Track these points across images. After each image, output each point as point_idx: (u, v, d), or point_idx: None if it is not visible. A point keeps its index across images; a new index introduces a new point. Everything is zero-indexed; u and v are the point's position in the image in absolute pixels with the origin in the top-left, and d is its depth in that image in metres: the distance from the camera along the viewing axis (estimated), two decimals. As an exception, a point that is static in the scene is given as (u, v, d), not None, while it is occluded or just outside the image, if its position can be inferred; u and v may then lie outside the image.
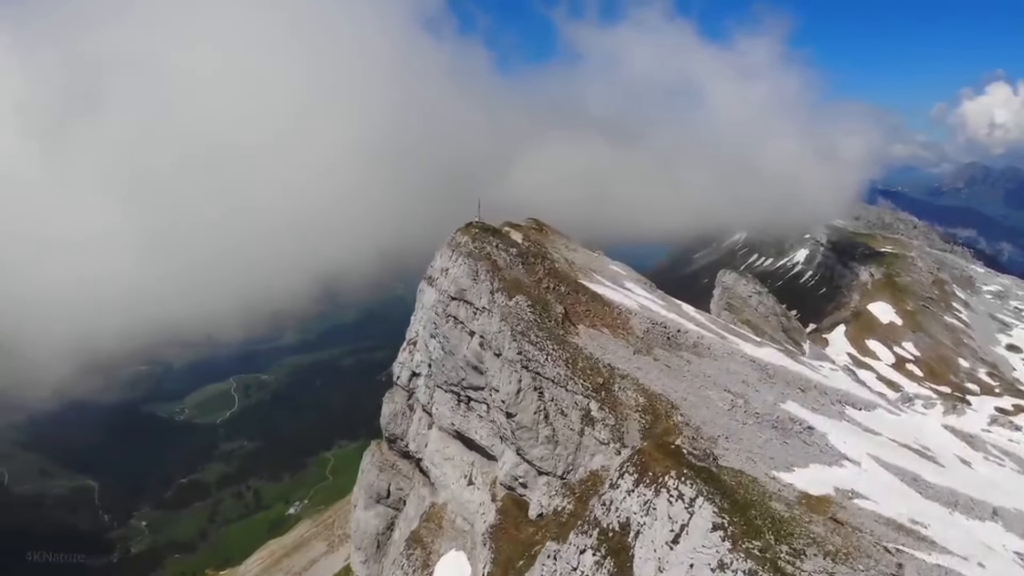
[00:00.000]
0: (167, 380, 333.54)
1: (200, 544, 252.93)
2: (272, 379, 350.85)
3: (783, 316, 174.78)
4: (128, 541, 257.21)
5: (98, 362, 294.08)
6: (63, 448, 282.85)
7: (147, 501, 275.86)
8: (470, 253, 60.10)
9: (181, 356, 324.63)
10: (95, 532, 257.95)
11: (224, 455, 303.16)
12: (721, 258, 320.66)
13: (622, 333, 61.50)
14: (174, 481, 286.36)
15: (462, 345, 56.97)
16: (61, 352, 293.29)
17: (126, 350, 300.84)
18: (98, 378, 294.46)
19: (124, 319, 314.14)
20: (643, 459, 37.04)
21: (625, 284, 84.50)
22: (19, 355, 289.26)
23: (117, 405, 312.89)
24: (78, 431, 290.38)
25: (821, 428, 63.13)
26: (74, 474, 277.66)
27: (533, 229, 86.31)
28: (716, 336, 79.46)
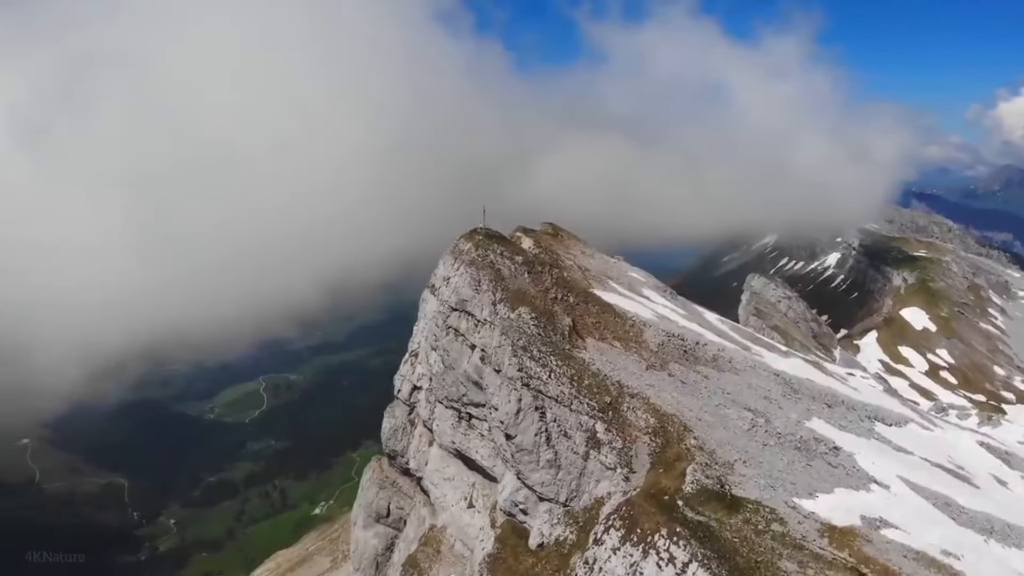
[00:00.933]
0: (198, 379, 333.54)
1: (227, 543, 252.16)
2: (300, 379, 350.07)
3: (813, 321, 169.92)
4: (156, 539, 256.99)
5: (127, 361, 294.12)
6: (94, 446, 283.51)
7: (176, 499, 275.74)
8: (472, 261, 56.22)
9: (210, 356, 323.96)
10: (124, 529, 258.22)
11: (252, 454, 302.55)
12: (751, 261, 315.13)
13: (634, 347, 57.23)
14: (203, 479, 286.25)
15: (463, 359, 53.10)
16: (82, 353, 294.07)
17: (153, 350, 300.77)
18: (127, 377, 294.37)
19: (148, 322, 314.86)
20: (632, 511, 32.82)
21: (643, 292, 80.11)
22: (45, 353, 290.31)
23: (148, 403, 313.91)
24: (109, 429, 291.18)
25: (848, 448, 58.48)
26: (105, 472, 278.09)
27: (547, 234, 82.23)
28: (738, 348, 74.84)
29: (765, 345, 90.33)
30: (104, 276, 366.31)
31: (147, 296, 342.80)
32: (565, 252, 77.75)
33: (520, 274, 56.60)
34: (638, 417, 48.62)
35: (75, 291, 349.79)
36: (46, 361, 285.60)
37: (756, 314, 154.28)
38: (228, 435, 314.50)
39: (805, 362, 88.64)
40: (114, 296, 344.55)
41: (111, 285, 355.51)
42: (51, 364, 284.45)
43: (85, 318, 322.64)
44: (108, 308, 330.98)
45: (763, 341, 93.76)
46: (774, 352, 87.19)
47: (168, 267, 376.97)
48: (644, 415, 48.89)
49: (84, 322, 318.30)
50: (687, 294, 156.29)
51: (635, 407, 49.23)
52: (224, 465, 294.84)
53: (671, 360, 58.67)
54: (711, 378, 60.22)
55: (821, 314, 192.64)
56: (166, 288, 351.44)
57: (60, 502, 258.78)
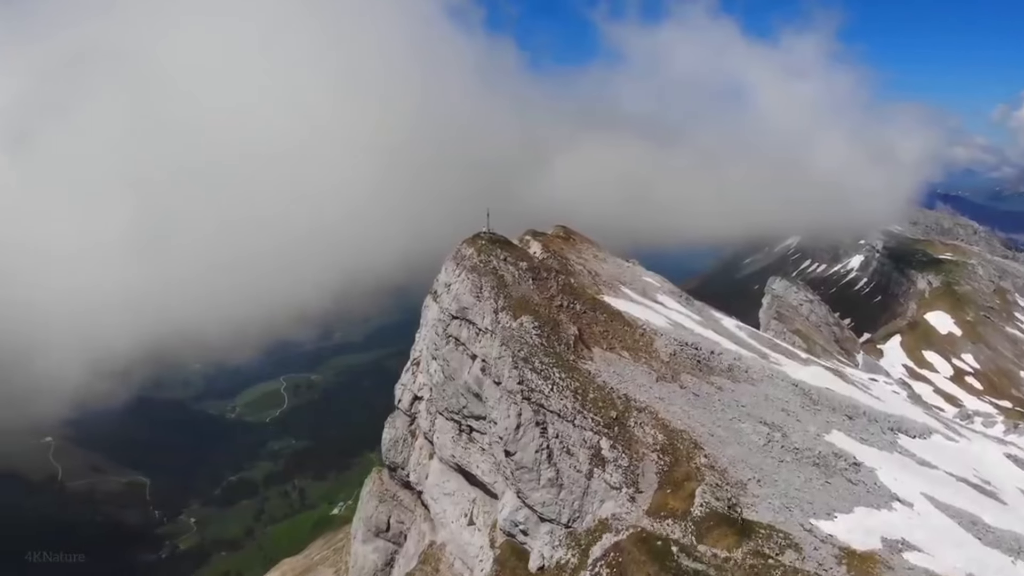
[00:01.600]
0: (219, 379, 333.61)
1: (246, 542, 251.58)
2: (320, 379, 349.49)
3: (836, 325, 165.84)
4: (177, 537, 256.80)
5: (148, 361, 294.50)
6: (116, 445, 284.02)
7: (197, 498, 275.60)
8: (474, 267, 53.47)
9: (231, 356, 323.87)
10: (145, 528, 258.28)
11: (272, 453, 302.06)
12: (772, 263, 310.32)
13: (644, 357, 54.24)
14: (223, 478, 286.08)
15: (463, 369, 50.39)
16: (103, 354, 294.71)
17: (174, 351, 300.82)
18: (149, 376, 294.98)
19: (168, 323, 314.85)
20: (620, 559, 29.93)
21: (657, 297, 77.02)
22: (66, 353, 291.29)
23: (170, 403, 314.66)
24: (131, 428, 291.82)
25: (870, 463, 55.31)
26: (127, 470, 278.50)
27: (559, 238, 79.37)
28: (756, 356, 71.59)
29: (784, 352, 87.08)
30: (121, 278, 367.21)
31: (164, 298, 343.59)
32: (576, 256, 74.90)
33: (524, 281, 53.78)
34: (646, 433, 45.70)
35: (91, 293, 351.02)
36: (68, 361, 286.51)
37: (777, 318, 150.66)
38: (249, 434, 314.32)
39: (826, 370, 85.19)
40: (132, 297, 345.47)
41: (129, 287, 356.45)
42: (74, 364, 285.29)
43: (105, 320, 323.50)
44: (125, 310, 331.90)
45: (782, 348, 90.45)
46: (793, 360, 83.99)
47: (183, 268, 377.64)
48: (652, 431, 45.97)
49: (104, 323, 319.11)
50: (707, 296, 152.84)
51: (643, 422, 46.31)
52: (244, 464, 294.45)
53: (683, 371, 55.65)
54: (726, 389, 57.16)
55: (844, 318, 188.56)
56: (184, 289, 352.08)
57: (82, 500, 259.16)
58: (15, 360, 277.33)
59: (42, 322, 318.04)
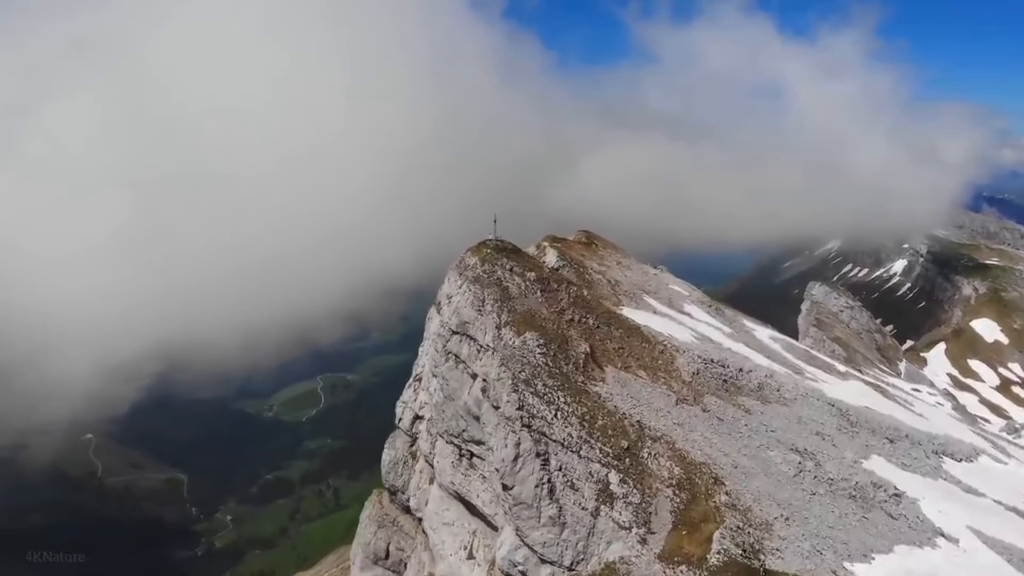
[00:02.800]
0: (257, 378, 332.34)
1: (280, 541, 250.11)
2: (357, 379, 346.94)
3: (877, 332, 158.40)
4: (213, 535, 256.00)
5: (187, 360, 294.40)
6: (156, 442, 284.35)
7: (233, 495, 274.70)
8: (477, 278, 48.54)
9: (269, 355, 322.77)
10: (183, 524, 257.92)
11: (308, 453, 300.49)
12: (813, 268, 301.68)
13: (663, 377, 48.88)
14: (260, 477, 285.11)
15: (463, 389, 45.53)
16: (146, 352, 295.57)
17: (211, 349, 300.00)
18: (188, 375, 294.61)
19: (205, 321, 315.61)
20: None
21: (684, 308, 71.44)
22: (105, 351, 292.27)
23: (209, 401, 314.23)
24: (171, 426, 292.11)
25: (912, 492, 49.60)
26: (165, 467, 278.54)
27: (580, 244, 74.25)
28: (789, 372, 65.77)
29: (821, 365, 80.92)
30: (153, 280, 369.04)
31: (202, 299, 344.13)
32: (597, 264, 69.73)
33: (531, 293, 48.71)
34: (660, 466, 40.43)
35: (123, 293, 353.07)
36: (107, 359, 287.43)
37: (817, 324, 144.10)
38: (285, 433, 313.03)
39: (866, 384, 79.10)
40: (170, 299, 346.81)
41: (165, 288, 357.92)
42: (112, 362, 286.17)
43: (147, 316, 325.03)
44: (165, 311, 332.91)
45: (819, 360, 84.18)
46: (831, 374, 77.95)
47: (216, 269, 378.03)
48: (668, 463, 40.68)
49: (149, 320, 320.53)
50: (744, 301, 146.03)
51: (658, 453, 41.05)
52: (281, 463, 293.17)
53: (707, 392, 50.22)
54: (754, 412, 51.61)
55: (886, 324, 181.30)
56: (219, 289, 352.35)
57: (121, 496, 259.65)
58: (52, 359, 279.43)
59: (82, 320, 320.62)
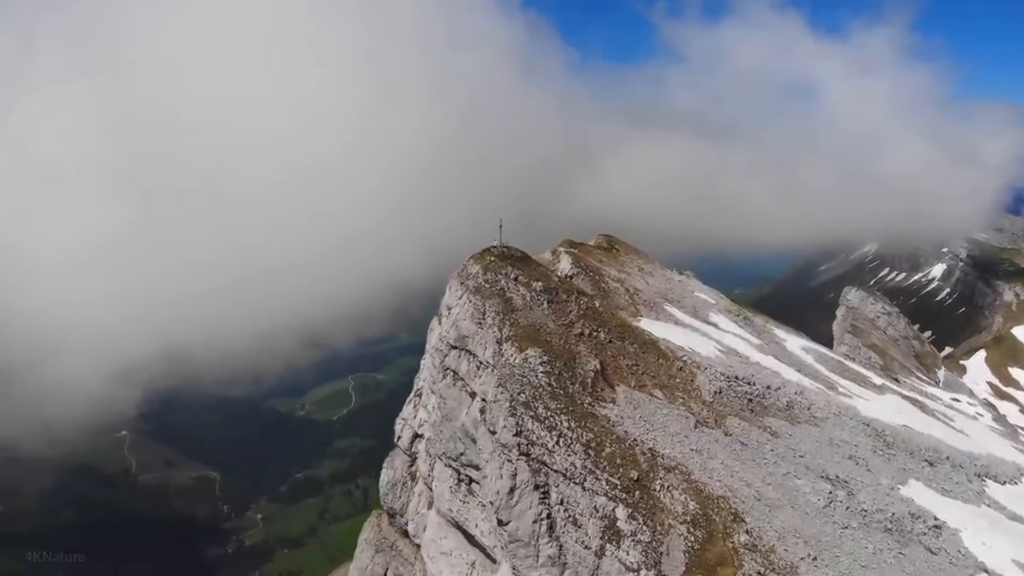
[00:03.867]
0: (290, 377, 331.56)
1: (309, 540, 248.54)
2: (387, 379, 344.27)
3: (915, 339, 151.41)
4: (243, 533, 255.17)
5: (221, 358, 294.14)
6: (190, 440, 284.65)
7: (264, 494, 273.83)
8: (478, 288, 44.27)
9: (301, 354, 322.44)
10: (214, 522, 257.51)
11: (338, 452, 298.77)
12: (849, 271, 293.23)
13: (681, 397, 44.24)
14: (290, 475, 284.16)
15: (461, 409, 41.32)
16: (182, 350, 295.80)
17: (245, 347, 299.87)
18: (221, 373, 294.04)
19: (239, 322, 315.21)
20: None
21: (710, 318, 66.48)
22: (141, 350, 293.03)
23: (242, 400, 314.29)
24: (204, 424, 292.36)
25: (953, 522, 44.68)
26: (198, 465, 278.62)
27: (600, 249, 69.67)
28: (822, 387, 60.63)
29: (856, 378, 75.40)
30: (193, 281, 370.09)
31: (234, 299, 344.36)
32: (617, 270, 65.16)
33: (537, 304, 44.35)
34: (674, 500, 35.89)
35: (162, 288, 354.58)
36: (144, 357, 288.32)
37: (852, 331, 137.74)
38: (316, 432, 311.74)
39: (903, 399, 73.59)
40: (205, 298, 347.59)
41: (201, 289, 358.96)
42: (149, 361, 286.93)
43: (177, 316, 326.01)
44: (199, 310, 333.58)
45: (853, 372, 78.58)
46: (866, 387, 72.50)
47: (247, 270, 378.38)
48: (682, 497, 36.13)
49: (179, 320, 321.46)
50: (778, 306, 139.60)
51: (671, 485, 36.50)
52: (311, 462, 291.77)
53: (730, 413, 45.47)
54: (782, 435, 46.75)
55: (924, 330, 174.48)
56: (251, 289, 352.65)
57: (154, 493, 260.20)
58: (86, 357, 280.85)
59: (111, 320, 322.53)
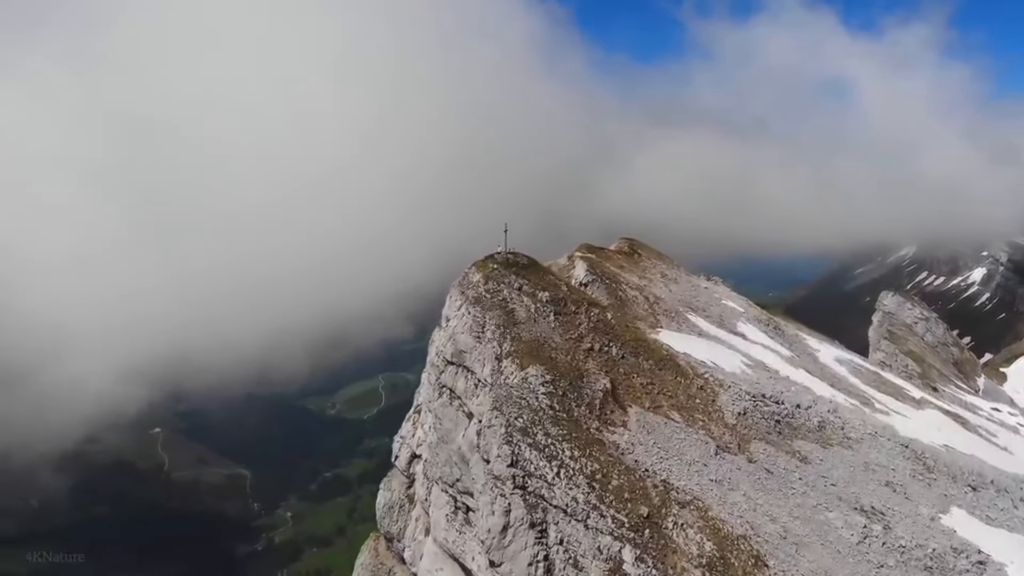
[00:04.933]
0: (321, 376, 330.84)
1: (337, 539, 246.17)
2: (416, 378, 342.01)
3: (954, 346, 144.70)
4: (273, 531, 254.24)
5: (254, 356, 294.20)
6: (222, 437, 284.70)
7: (294, 492, 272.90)
8: (478, 299, 40.27)
9: (332, 354, 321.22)
10: (244, 519, 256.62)
11: (367, 451, 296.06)
12: (886, 275, 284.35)
13: (701, 420, 39.82)
14: (320, 474, 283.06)
15: (457, 430, 37.38)
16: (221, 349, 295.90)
17: (276, 345, 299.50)
18: (254, 371, 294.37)
19: (271, 321, 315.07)
20: None
21: (737, 328, 61.79)
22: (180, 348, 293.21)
23: (274, 398, 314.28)
24: (237, 422, 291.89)
25: (998, 555, 39.90)
26: (230, 463, 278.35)
27: (620, 253, 65.29)
28: (857, 403, 55.68)
29: (893, 391, 70.16)
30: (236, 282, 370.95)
31: (269, 298, 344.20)
32: (638, 276, 60.76)
33: (543, 316, 40.25)
34: (688, 540, 31.58)
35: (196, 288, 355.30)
36: (176, 357, 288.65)
37: (889, 337, 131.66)
38: (346, 431, 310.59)
39: (944, 414, 68.29)
40: (247, 298, 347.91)
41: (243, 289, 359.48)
42: (182, 359, 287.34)
43: (208, 314, 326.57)
44: (243, 309, 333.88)
45: (890, 385, 73.28)
46: (904, 402, 67.33)
47: (281, 270, 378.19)
48: (698, 536, 31.81)
49: (213, 318, 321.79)
50: (812, 310, 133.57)
51: (686, 523, 32.19)
52: (341, 461, 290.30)
53: (755, 437, 40.95)
54: (812, 460, 42.11)
55: (963, 336, 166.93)
56: (286, 287, 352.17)
57: (186, 490, 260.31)
58: (121, 356, 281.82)
59: (140, 317, 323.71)
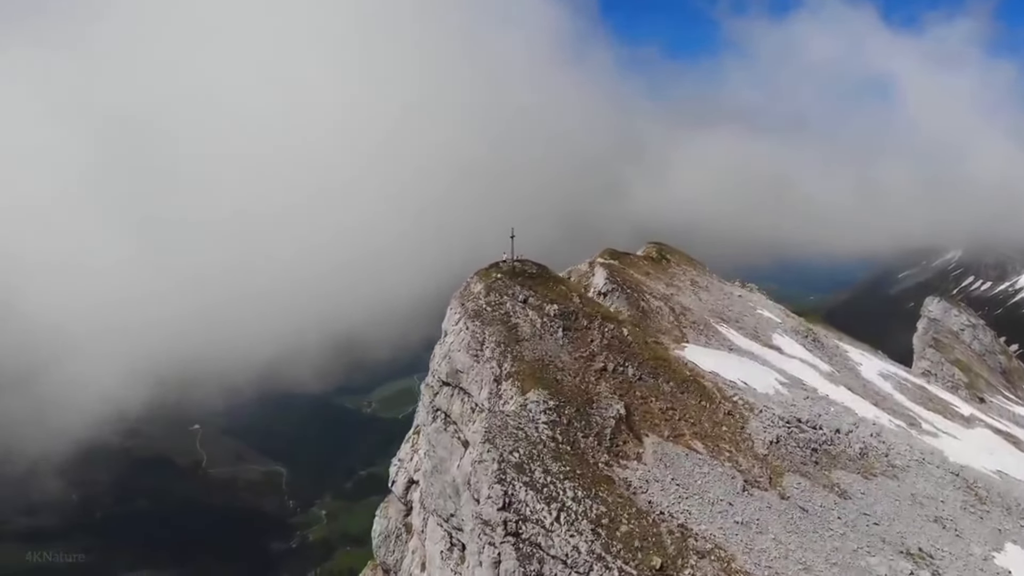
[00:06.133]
0: (358, 374, 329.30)
1: (370, 539, 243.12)
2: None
3: (1002, 354, 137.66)
4: (308, 528, 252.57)
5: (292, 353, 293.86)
6: (259, 435, 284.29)
7: (329, 490, 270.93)
8: (478, 312, 35.90)
9: (368, 352, 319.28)
10: (279, 516, 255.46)
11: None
12: (931, 279, 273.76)
13: (727, 450, 35.00)
14: (355, 473, 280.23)
15: (452, 460, 33.13)
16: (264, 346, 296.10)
17: (314, 344, 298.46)
18: (292, 369, 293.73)
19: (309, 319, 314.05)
20: None
21: (773, 340, 56.64)
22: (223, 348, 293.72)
23: (311, 396, 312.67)
24: (274, 420, 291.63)
25: (1057, 596, 34.86)
26: (266, 460, 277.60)
27: (647, 259, 60.48)
28: (902, 425, 50.29)
29: (940, 408, 64.46)
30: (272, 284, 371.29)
31: (308, 297, 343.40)
32: (665, 284, 55.94)
33: (550, 332, 35.77)
34: (707, 597, 26.95)
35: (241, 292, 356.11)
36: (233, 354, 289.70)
37: (934, 345, 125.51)
38: (381, 430, 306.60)
39: (995, 433, 62.52)
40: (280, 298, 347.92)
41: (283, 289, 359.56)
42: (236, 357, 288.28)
43: (248, 314, 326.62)
44: (276, 305, 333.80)
45: (937, 401, 67.40)
46: (953, 420, 61.77)
47: (317, 269, 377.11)
48: (719, 592, 27.15)
49: (247, 317, 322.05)
50: (854, 315, 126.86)
51: (704, 574, 27.54)
52: (376, 460, 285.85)
53: (788, 469, 36.06)
54: (852, 494, 37.06)
55: (1010, 343, 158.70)
56: (324, 284, 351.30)
57: (223, 486, 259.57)
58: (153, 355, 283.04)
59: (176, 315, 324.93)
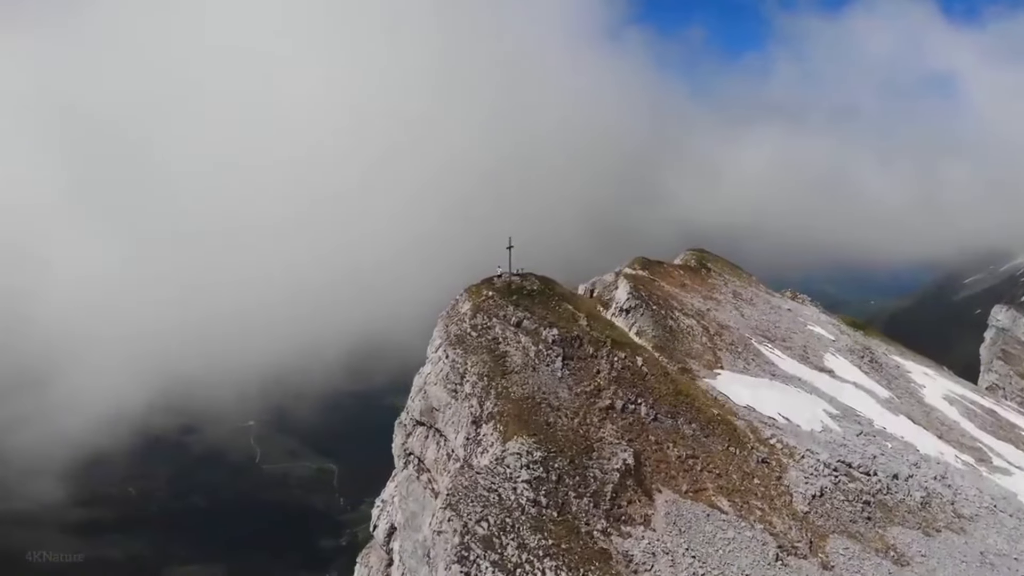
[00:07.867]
0: (405, 374, 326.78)
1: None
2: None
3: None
4: (357, 526, 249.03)
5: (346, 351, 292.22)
6: (312, 432, 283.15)
7: (379, 488, 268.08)
8: (461, 338, 29.82)
9: (413, 354, 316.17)
10: (330, 514, 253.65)
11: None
12: (998, 285, 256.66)
13: (759, 507, 28.29)
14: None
15: (424, 515, 27.24)
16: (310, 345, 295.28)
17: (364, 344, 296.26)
18: (346, 367, 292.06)
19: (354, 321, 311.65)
20: None
21: (824, 362, 49.06)
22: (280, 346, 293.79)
23: (362, 394, 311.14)
24: (327, 417, 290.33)
25: None
26: (318, 457, 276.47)
27: (684, 269, 53.56)
28: (970, 462, 42.55)
29: (1012, 437, 56.20)
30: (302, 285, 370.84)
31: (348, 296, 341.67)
32: (702, 298, 49.02)
33: (545, 362, 29.48)
34: None
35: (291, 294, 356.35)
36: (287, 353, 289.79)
37: (1002, 357, 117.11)
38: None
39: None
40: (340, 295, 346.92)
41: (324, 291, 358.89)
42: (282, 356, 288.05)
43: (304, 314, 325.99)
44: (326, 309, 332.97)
45: (1008, 428, 58.73)
46: (1030, 451, 53.51)
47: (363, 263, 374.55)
48: None
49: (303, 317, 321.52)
50: (917, 322, 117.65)
51: None
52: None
53: (834, 530, 29.21)
54: (912, 558, 30.03)
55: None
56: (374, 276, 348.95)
57: (276, 483, 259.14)
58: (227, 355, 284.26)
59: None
